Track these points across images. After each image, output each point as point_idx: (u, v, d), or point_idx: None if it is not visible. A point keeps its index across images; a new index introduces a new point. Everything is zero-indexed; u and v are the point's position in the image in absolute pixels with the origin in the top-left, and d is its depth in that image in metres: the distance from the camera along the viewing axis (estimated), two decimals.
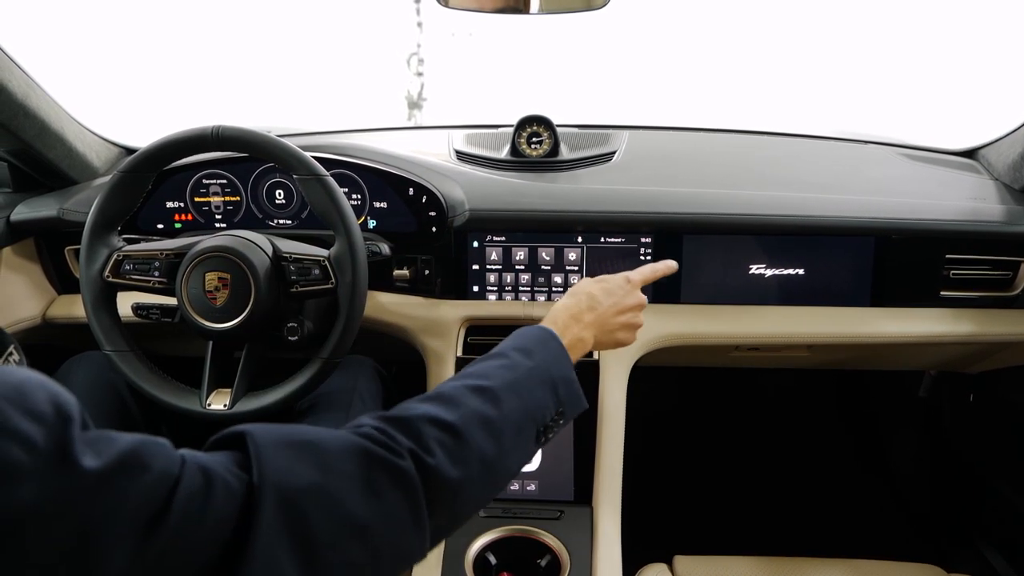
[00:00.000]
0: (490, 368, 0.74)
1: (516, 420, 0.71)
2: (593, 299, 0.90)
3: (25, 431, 0.40)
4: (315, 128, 1.51)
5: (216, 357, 1.07)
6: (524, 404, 0.72)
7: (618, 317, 0.91)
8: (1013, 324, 1.24)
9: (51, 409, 0.43)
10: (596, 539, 1.06)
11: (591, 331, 0.88)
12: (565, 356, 0.81)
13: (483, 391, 0.69)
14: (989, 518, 1.59)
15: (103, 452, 0.44)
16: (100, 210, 1.04)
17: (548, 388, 0.76)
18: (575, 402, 0.79)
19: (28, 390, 0.43)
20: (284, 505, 0.51)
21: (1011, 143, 1.29)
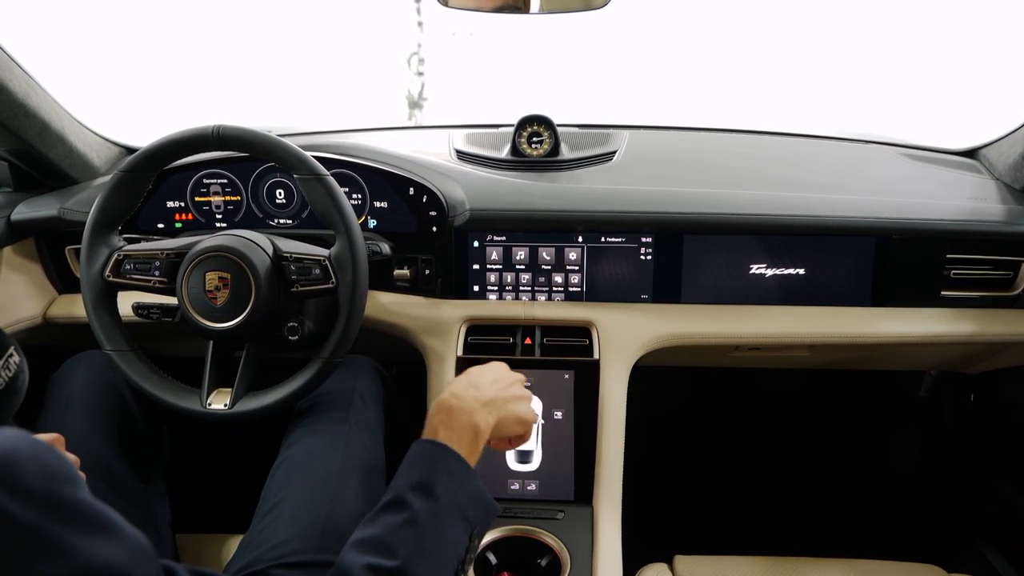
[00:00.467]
0: (392, 532, 0.70)
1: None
2: (469, 386, 0.86)
3: (7, 509, 0.38)
4: (316, 128, 1.51)
5: (216, 357, 1.07)
6: (436, 562, 0.70)
7: (505, 392, 0.87)
8: (1014, 324, 1.24)
9: (41, 484, 0.40)
10: (596, 539, 1.06)
11: (482, 414, 0.83)
12: (466, 470, 0.77)
13: (391, 574, 0.66)
14: (990, 518, 1.59)
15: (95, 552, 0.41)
16: (101, 210, 1.04)
17: (458, 522, 0.73)
18: (488, 515, 0.77)
19: (17, 463, 0.40)
20: None
21: (1012, 143, 1.29)
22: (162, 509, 1.10)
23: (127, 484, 1.05)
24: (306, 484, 1.00)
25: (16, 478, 0.39)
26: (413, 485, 0.74)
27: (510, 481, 1.14)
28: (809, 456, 1.90)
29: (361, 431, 1.11)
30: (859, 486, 1.86)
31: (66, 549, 0.40)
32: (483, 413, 0.83)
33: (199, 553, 1.14)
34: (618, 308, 1.25)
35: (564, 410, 1.17)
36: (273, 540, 0.93)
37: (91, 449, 1.02)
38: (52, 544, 0.40)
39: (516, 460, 1.15)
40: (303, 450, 1.07)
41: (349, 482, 1.02)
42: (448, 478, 0.75)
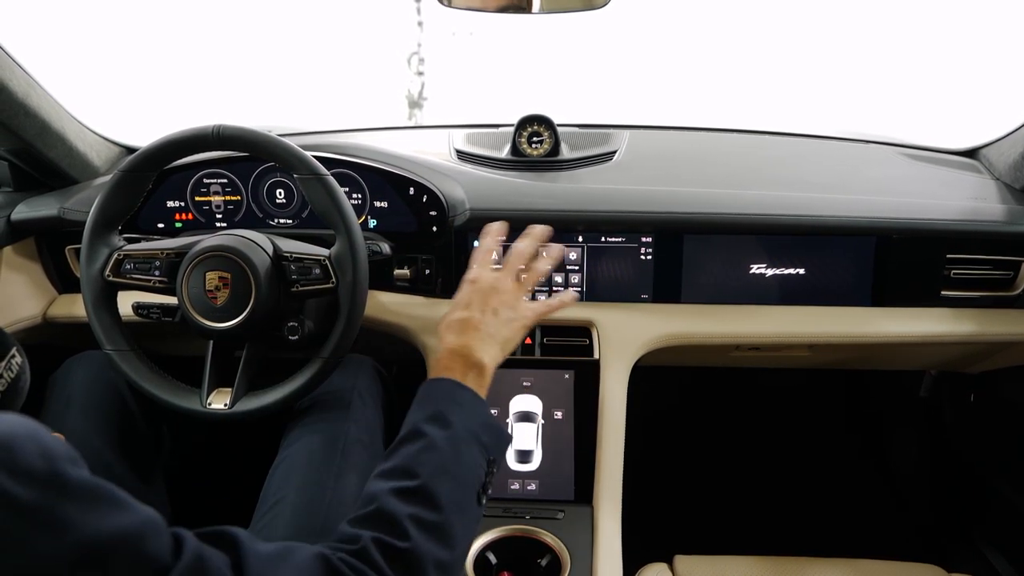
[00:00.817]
0: (411, 457, 0.73)
1: (457, 503, 0.71)
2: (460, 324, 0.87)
3: (8, 490, 0.38)
4: (316, 127, 1.51)
5: (216, 356, 1.07)
6: (458, 482, 0.72)
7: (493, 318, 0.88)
8: (1014, 324, 1.24)
9: (42, 463, 0.41)
10: (596, 539, 1.06)
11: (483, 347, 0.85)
12: (476, 400, 0.80)
13: (416, 494, 0.69)
14: (990, 518, 1.59)
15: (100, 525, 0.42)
16: (101, 209, 1.04)
17: (474, 446, 0.75)
18: (500, 441, 0.80)
19: (16, 445, 0.40)
20: None
21: (1012, 143, 1.29)
22: (162, 509, 1.10)
23: (127, 484, 1.03)
24: (305, 483, 1.00)
25: (16, 459, 0.40)
26: (427, 417, 0.76)
27: (510, 481, 1.14)
28: (809, 456, 1.90)
29: (360, 430, 1.11)
30: (859, 486, 1.86)
31: (72, 525, 0.40)
32: (484, 348, 0.85)
33: None
34: (618, 308, 1.25)
35: (564, 410, 1.17)
36: (274, 538, 0.93)
37: (91, 449, 1.02)
38: (57, 521, 0.40)
39: (516, 460, 1.15)
40: (302, 449, 1.07)
41: (348, 481, 1.02)
42: (459, 408, 0.78)
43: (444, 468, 0.72)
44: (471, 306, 0.89)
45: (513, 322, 0.90)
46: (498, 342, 0.88)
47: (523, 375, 1.20)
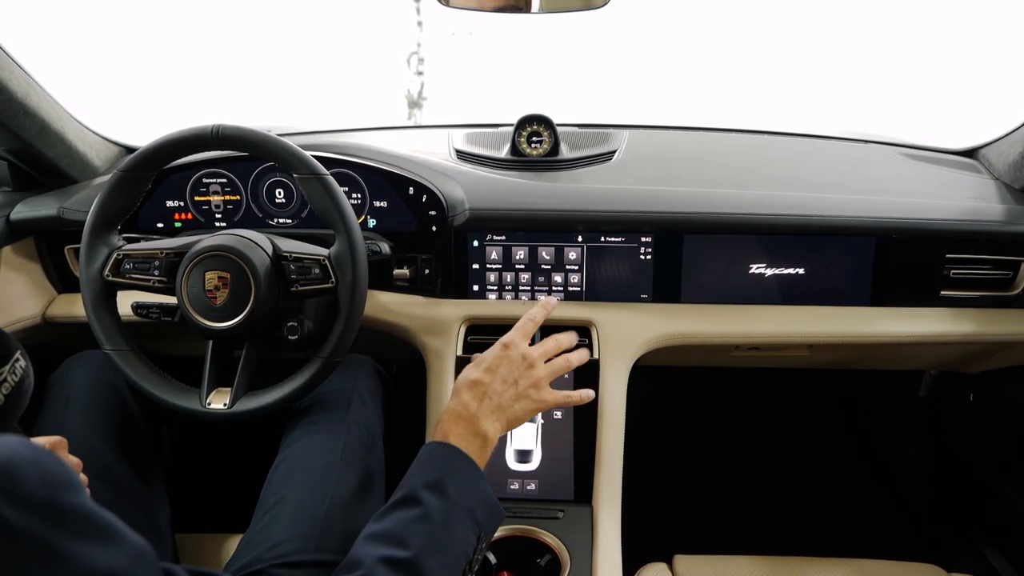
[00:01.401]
0: (406, 526, 0.72)
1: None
2: (477, 387, 0.86)
3: (10, 519, 0.38)
4: (315, 127, 1.51)
5: (216, 356, 1.07)
6: (448, 558, 0.71)
7: (511, 390, 0.87)
8: (1013, 324, 1.24)
9: (42, 492, 0.40)
10: (596, 538, 1.06)
11: (490, 420, 0.84)
12: (478, 474, 0.79)
13: (406, 566, 0.68)
14: (989, 518, 1.59)
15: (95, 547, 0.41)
16: (100, 209, 1.04)
17: (468, 522, 0.75)
18: (494, 519, 0.79)
19: (18, 472, 0.40)
20: None
21: (1011, 143, 1.29)
22: (162, 509, 1.10)
23: (127, 484, 1.05)
24: (305, 483, 1.00)
25: (16, 486, 0.39)
26: (426, 483, 0.75)
27: (510, 480, 1.14)
28: (809, 456, 1.90)
29: (360, 430, 1.11)
30: (859, 486, 1.86)
31: (66, 557, 0.40)
32: (492, 420, 0.85)
33: (199, 553, 1.13)
34: (618, 308, 1.25)
35: (564, 410, 1.17)
36: (272, 540, 0.93)
37: (91, 449, 1.02)
38: (52, 553, 0.39)
39: (516, 460, 1.15)
40: (302, 449, 1.07)
41: (348, 482, 1.02)
42: (459, 479, 0.77)
43: (436, 543, 0.71)
44: (495, 372, 0.88)
45: (528, 403, 0.89)
46: (507, 417, 0.87)
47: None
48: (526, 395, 0.89)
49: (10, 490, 0.39)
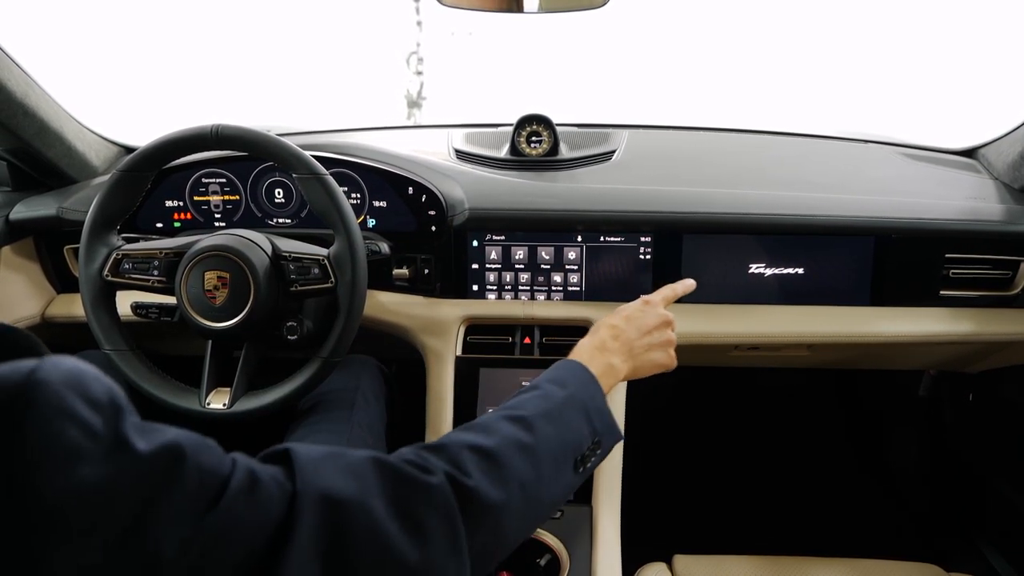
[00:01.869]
0: (525, 399, 0.76)
1: (553, 448, 0.72)
2: (614, 329, 0.91)
3: (85, 416, 0.42)
4: (315, 127, 1.51)
5: (215, 356, 1.07)
6: (560, 433, 0.73)
7: (644, 338, 0.92)
8: (1013, 323, 1.24)
9: (107, 398, 0.45)
10: (595, 538, 1.06)
11: (620, 357, 0.89)
12: (597, 386, 0.82)
13: (518, 420, 0.71)
14: (989, 517, 1.59)
15: (155, 440, 0.46)
16: (99, 209, 1.04)
17: (583, 417, 0.77)
18: (611, 433, 0.81)
19: (86, 380, 0.44)
20: (322, 515, 0.52)
21: (1011, 142, 1.29)
22: None
23: None
24: None
25: (87, 389, 0.44)
26: (549, 379, 0.80)
27: None
28: (809, 455, 1.90)
29: (363, 430, 1.11)
30: (858, 485, 1.86)
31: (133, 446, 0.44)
32: (622, 358, 0.90)
33: None
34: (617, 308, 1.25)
35: None
36: None
37: None
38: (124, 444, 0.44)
39: None
40: None
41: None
42: (581, 383, 0.81)
43: (551, 415, 0.74)
44: (632, 321, 0.93)
45: (658, 355, 0.94)
46: (636, 363, 0.91)
47: (522, 375, 1.20)
48: (657, 348, 0.93)
49: (84, 392, 0.43)
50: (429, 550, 0.57)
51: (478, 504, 0.61)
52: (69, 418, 0.41)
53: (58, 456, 0.40)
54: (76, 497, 0.40)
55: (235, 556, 0.47)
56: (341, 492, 0.54)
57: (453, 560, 0.58)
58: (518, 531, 0.68)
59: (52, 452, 0.40)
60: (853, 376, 1.94)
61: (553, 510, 0.74)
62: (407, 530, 0.56)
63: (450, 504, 0.59)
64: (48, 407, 0.41)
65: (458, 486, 0.61)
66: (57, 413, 0.41)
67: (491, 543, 0.64)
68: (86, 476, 0.41)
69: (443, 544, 0.58)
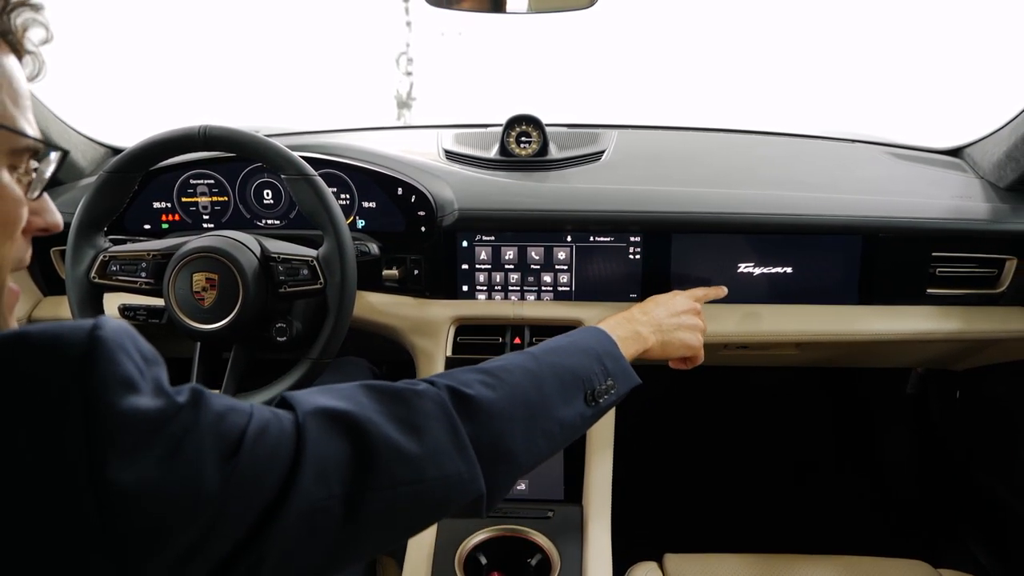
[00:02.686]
0: (535, 346, 0.81)
1: (558, 373, 0.75)
2: (643, 307, 0.97)
3: (137, 360, 0.49)
4: (304, 128, 1.50)
5: (204, 358, 1.06)
6: (565, 362, 0.77)
7: (674, 319, 0.97)
8: (998, 321, 1.25)
9: (151, 353, 0.52)
10: (586, 538, 1.06)
11: (648, 328, 0.93)
12: (609, 339, 0.85)
13: (523, 353, 0.77)
14: (976, 513, 1.60)
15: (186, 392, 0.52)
16: (86, 210, 1.04)
17: (592, 357, 0.80)
18: (625, 376, 0.83)
19: (136, 335, 0.51)
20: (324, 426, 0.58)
21: (996, 142, 1.30)
22: None
23: None
24: None
25: (138, 342, 0.51)
26: (560, 335, 0.85)
27: None
28: (798, 454, 1.91)
29: None
30: (847, 483, 1.87)
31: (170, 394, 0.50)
32: (650, 329, 0.94)
33: None
34: (607, 307, 1.25)
35: None
36: None
37: None
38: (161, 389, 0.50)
39: None
40: None
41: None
42: (593, 337, 0.85)
43: (557, 352, 0.79)
44: (661, 304, 0.99)
45: (686, 334, 0.98)
46: (664, 337, 0.96)
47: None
48: (687, 329, 0.99)
49: (135, 343, 0.50)
50: (429, 441, 0.62)
51: (475, 405, 0.66)
52: (127, 356, 0.48)
53: (120, 382, 0.46)
54: (133, 417, 0.46)
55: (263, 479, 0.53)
56: (337, 406, 0.60)
57: (455, 449, 0.63)
58: (525, 439, 0.70)
59: (115, 378, 0.46)
60: (841, 374, 1.95)
61: (568, 433, 0.76)
62: (404, 430, 0.61)
63: (443, 403, 0.65)
64: (112, 345, 0.47)
65: (456, 393, 0.66)
66: (119, 349, 0.48)
67: (490, 439, 0.67)
68: (140, 402, 0.47)
69: (442, 435, 0.63)
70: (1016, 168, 1.21)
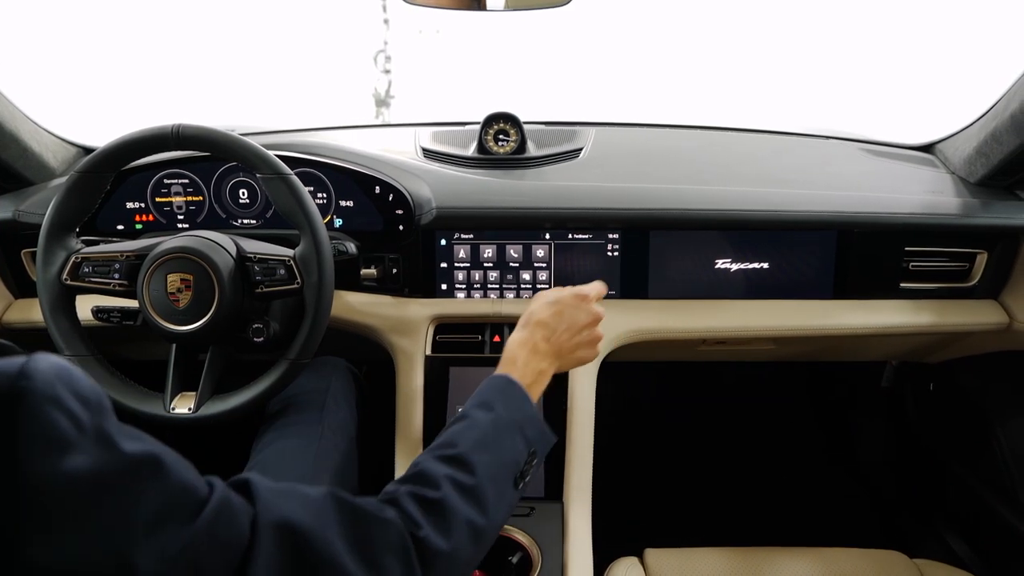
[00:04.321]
0: (456, 433, 0.77)
1: (492, 475, 0.73)
2: (546, 327, 0.92)
3: (73, 408, 0.44)
4: (280, 126, 1.49)
5: (180, 360, 1.05)
6: (495, 457, 0.75)
7: (574, 338, 0.93)
8: (970, 314, 1.27)
9: (93, 395, 0.47)
10: (567, 534, 1.07)
11: (549, 360, 0.90)
12: (525, 397, 0.84)
13: (455, 460, 0.72)
14: (950, 503, 1.63)
15: (138, 445, 0.48)
16: (57, 211, 1.02)
17: (516, 433, 0.79)
18: (544, 439, 0.83)
19: (75, 376, 0.47)
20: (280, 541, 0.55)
21: (966, 138, 1.32)
22: None
23: None
24: None
25: (76, 386, 0.46)
26: (475, 404, 0.82)
27: None
28: (776, 448, 1.93)
29: (334, 433, 1.10)
30: (825, 476, 1.89)
31: (118, 444, 0.46)
32: (550, 360, 0.91)
33: None
34: None
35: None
36: None
37: None
38: (109, 440, 0.46)
39: None
40: (274, 452, 1.06)
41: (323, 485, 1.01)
42: (507, 399, 0.82)
43: (484, 444, 0.75)
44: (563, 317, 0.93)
45: (584, 353, 0.95)
46: (562, 363, 0.93)
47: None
48: (585, 346, 0.95)
49: (72, 386, 0.45)
50: None
51: (431, 552, 0.64)
52: (59, 408, 0.43)
53: (48, 443, 0.41)
54: (62, 485, 0.41)
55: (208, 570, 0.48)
56: (299, 521, 0.57)
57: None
58: (471, 563, 0.70)
59: (42, 439, 0.41)
60: (818, 368, 1.97)
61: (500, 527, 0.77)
62: (364, 564, 0.58)
63: (406, 543, 0.62)
64: (40, 398, 0.42)
65: (413, 537, 0.63)
66: (48, 401, 0.43)
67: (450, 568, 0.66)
68: (73, 465, 0.42)
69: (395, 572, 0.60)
70: (986, 163, 1.23)
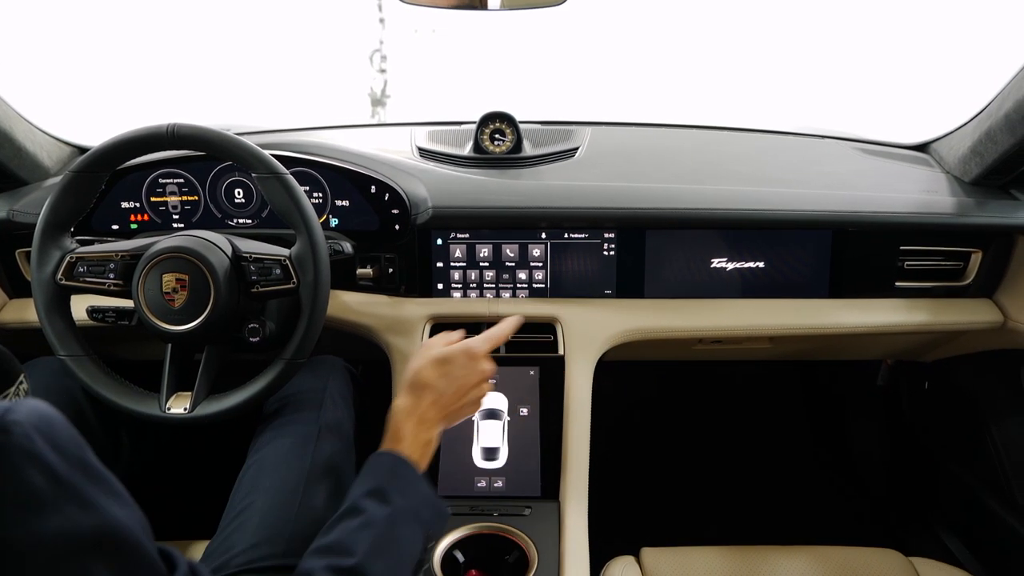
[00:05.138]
0: (350, 535, 0.73)
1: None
2: (434, 391, 0.90)
3: (50, 463, 0.43)
4: (275, 126, 1.49)
5: (176, 360, 1.05)
6: (393, 561, 0.73)
7: (462, 399, 0.93)
8: (965, 313, 1.27)
9: (72, 445, 0.45)
10: (563, 534, 1.07)
11: (436, 427, 0.90)
12: (418, 478, 0.83)
13: (351, 572, 0.69)
14: (945, 502, 1.63)
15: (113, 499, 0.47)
16: (51, 211, 1.02)
17: (413, 524, 0.78)
18: (439, 519, 0.83)
19: (55, 424, 0.45)
20: None
21: (961, 137, 1.32)
22: None
23: None
24: (275, 487, 0.99)
25: (56, 436, 0.45)
26: (367, 492, 0.78)
27: (477, 478, 1.14)
28: (772, 446, 1.93)
29: (331, 432, 1.10)
30: (821, 474, 1.90)
31: (93, 504, 0.45)
32: (437, 428, 0.90)
33: None
34: (582, 304, 1.26)
35: (530, 406, 1.18)
36: (242, 544, 0.91)
37: None
38: (83, 499, 0.44)
39: (483, 457, 1.15)
40: (272, 452, 1.05)
41: (319, 485, 1.01)
42: (400, 484, 0.80)
43: (379, 547, 0.73)
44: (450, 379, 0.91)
45: (468, 410, 0.95)
46: (448, 423, 0.92)
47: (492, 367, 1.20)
48: (469, 405, 0.95)
49: (52, 438, 0.44)
50: None
51: None
52: (36, 464, 0.42)
53: (21, 504, 0.40)
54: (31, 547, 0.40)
55: None
56: None
57: None
58: None
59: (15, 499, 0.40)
60: (813, 367, 1.98)
61: None
62: None
63: None
64: (18, 454, 0.41)
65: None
66: (26, 459, 0.41)
67: None
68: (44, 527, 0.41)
69: None
70: (980, 163, 1.24)
